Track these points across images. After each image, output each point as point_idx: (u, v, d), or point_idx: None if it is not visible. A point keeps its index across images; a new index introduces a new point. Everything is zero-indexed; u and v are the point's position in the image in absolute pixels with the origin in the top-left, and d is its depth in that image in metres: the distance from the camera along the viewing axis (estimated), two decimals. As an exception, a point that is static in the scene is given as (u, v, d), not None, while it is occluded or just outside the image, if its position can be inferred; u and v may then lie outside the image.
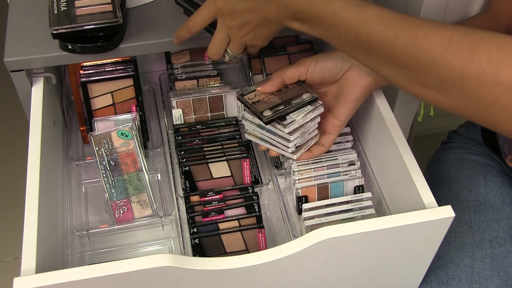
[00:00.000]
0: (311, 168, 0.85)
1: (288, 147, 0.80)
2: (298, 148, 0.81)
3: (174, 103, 0.91)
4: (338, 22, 0.64)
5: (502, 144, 0.95)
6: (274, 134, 0.80)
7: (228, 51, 0.78)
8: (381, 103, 0.81)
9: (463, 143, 1.02)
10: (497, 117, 0.56)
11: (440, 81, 0.57)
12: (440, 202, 0.70)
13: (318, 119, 0.81)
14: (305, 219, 0.79)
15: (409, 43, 0.58)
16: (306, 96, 0.79)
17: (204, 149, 0.86)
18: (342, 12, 0.63)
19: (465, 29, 0.56)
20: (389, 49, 0.60)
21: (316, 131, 0.82)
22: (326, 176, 0.84)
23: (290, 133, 0.78)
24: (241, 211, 0.82)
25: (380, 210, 0.84)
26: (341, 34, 0.64)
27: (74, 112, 0.96)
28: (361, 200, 0.82)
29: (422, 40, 0.57)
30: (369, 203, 0.82)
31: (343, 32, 0.64)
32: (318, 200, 0.83)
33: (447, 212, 0.68)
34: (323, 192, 0.84)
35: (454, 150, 1.00)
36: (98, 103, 0.89)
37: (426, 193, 0.71)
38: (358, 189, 0.85)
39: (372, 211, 0.81)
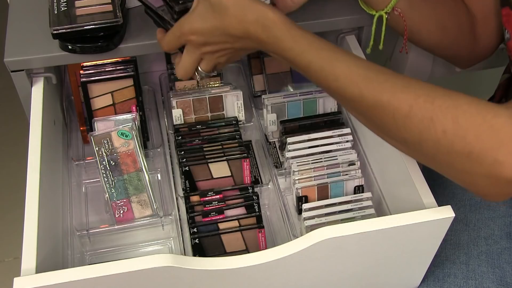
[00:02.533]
0: (311, 168, 0.85)
1: None
2: None
3: (174, 103, 0.91)
4: (311, 72, 0.66)
5: None
6: None
7: (200, 70, 0.75)
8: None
9: None
10: (453, 176, 0.62)
11: (402, 139, 0.63)
12: (436, 200, 0.70)
13: None
14: (305, 219, 0.79)
15: (373, 105, 0.62)
16: None
17: (204, 149, 0.86)
18: (314, 65, 0.66)
19: (426, 94, 0.60)
20: (356, 105, 0.64)
21: None
22: (326, 176, 0.84)
23: None
24: (241, 211, 0.82)
25: (380, 210, 0.84)
26: (314, 80, 0.67)
27: (74, 112, 0.96)
28: (361, 200, 0.82)
29: (385, 105, 0.61)
30: (369, 203, 0.82)
31: (315, 80, 0.67)
32: (318, 200, 0.83)
33: (447, 212, 0.68)
34: (323, 192, 0.84)
35: None
36: (98, 103, 0.89)
37: (426, 193, 0.71)
38: (358, 189, 0.85)
39: (372, 211, 0.81)
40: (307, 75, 0.68)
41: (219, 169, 0.85)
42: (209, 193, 0.82)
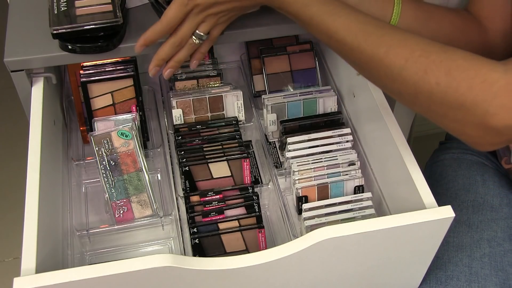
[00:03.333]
0: (311, 168, 0.85)
1: None
2: None
3: (174, 103, 0.91)
4: (313, 25, 0.70)
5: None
6: None
7: (199, 32, 0.77)
8: (381, 103, 0.81)
9: (460, 143, 1.02)
10: (448, 126, 0.64)
11: (397, 91, 0.66)
12: (439, 202, 0.70)
13: None
14: (305, 219, 0.79)
15: (371, 57, 0.66)
16: None
17: (204, 149, 0.86)
18: (316, 18, 0.69)
19: (422, 49, 0.63)
20: (354, 57, 0.68)
21: None
22: (326, 176, 0.84)
23: None
24: (241, 211, 0.82)
25: (380, 210, 0.84)
26: (316, 34, 0.72)
27: (74, 112, 0.96)
28: (361, 200, 0.82)
29: (382, 57, 0.64)
30: (369, 203, 0.82)
31: (318, 33, 0.71)
32: (318, 200, 0.83)
33: (447, 212, 0.68)
34: (323, 192, 0.84)
35: (451, 150, 1.00)
36: (98, 103, 0.89)
37: (426, 193, 0.71)
38: (358, 189, 0.85)
39: (372, 211, 0.81)
40: (310, 29, 0.71)
41: (219, 169, 0.85)
42: (209, 193, 0.82)
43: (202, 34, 0.77)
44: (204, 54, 0.82)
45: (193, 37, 0.78)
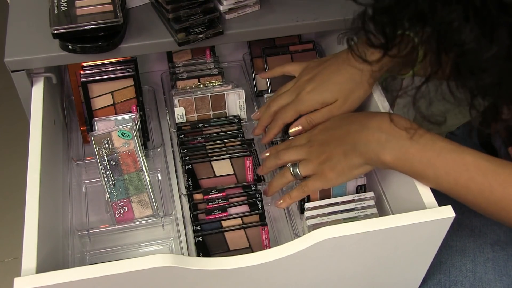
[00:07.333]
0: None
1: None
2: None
3: (176, 101, 0.91)
4: (439, 164, 0.67)
5: (499, 148, 0.95)
6: None
7: (296, 170, 0.76)
8: (381, 103, 0.81)
9: (460, 143, 1.01)
10: None
11: None
12: (441, 204, 0.69)
13: None
14: (307, 218, 0.79)
15: (501, 198, 0.64)
16: None
17: (207, 147, 0.86)
18: (444, 155, 0.67)
19: None
20: (483, 198, 0.66)
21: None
22: (327, 175, 0.84)
23: None
24: (244, 208, 0.81)
25: (382, 209, 0.83)
26: (439, 175, 0.68)
27: (74, 112, 0.96)
28: (363, 199, 0.81)
29: None
30: (371, 202, 0.81)
31: (443, 173, 0.67)
32: (320, 200, 0.83)
33: (448, 212, 0.67)
34: (325, 191, 0.84)
35: None
36: (98, 103, 0.89)
37: (426, 193, 0.71)
38: (360, 189, 0.85)
39: (374, 210, 0.80)
40: (430, 170, 0.68)
41: (222, 167, 0.85)
42: (212, 191, 0.82)
43: (298, 173, 0.76)
44: (292, 201, 0.78)
45: (291, 172, 0.77)
